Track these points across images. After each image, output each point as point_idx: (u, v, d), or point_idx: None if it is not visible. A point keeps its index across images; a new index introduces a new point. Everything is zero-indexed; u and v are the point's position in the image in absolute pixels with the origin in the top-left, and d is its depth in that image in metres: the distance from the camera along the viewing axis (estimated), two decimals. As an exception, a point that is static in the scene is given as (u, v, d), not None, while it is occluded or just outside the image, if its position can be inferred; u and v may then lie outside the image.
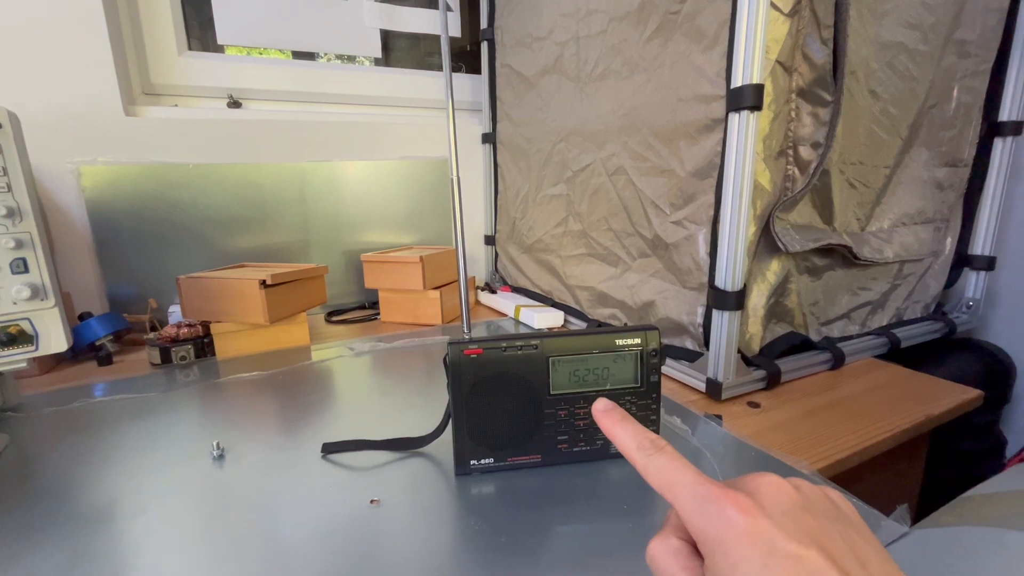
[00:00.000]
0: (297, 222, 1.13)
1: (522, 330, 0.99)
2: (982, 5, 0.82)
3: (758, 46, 0.56)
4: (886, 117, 0.77)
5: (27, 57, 0.88)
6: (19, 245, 0.50)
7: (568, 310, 1.00)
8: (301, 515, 0.45)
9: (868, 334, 0.85)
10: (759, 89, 0.57)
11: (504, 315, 1.09)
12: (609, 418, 0.26)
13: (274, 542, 0.42)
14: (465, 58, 1.36)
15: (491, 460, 0.50)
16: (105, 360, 0.84)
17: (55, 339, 0.53)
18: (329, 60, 1.24)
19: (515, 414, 0.49)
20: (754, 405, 0.65)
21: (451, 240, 1.30)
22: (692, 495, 0.21)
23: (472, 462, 0.49)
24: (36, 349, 0.52)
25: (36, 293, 0.51)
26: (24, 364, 0.51)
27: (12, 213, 0.49)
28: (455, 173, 0.64)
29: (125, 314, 0.93)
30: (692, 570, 0.21)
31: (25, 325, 0.51)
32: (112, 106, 0.95)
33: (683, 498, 0.21)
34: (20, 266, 0.50)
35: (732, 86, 0.59)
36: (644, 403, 0.50)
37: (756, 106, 0.57)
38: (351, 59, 1.26)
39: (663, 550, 0.22)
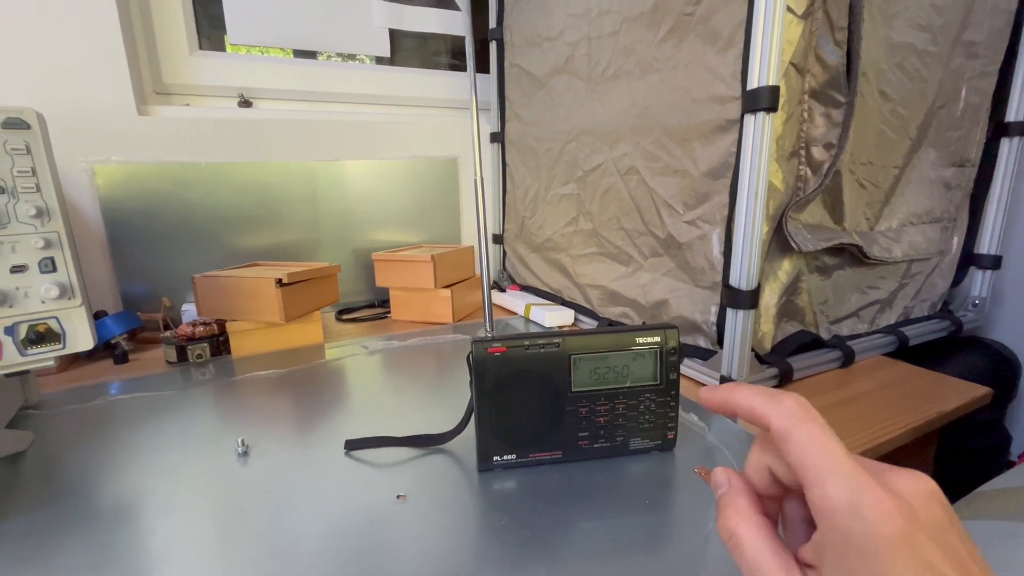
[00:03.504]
0: (307, 221, 1.14)
1: (532, 328, 1.00)
2: (990, 6, 0.83)
3: (774, 48, 0.57)
4: (895, 118, 0.78)
5: (42, 58, 0.89)
6: (48, 245, 0.50)
7: (578, 308, 1.00)
8: (329, 510, 0.46)
9: (876, 332, 0.86)
10: (775, 91, 0.57)
11: (514, 313, 1.10)
12: (723, 390, 0.23)
13: (305, 537, 0.43)
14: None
15: (513, 456, 0.51)
16: (121, 358, 0.84)
17: (81, 337, 0.53)
18: (329, 58, 1.24)
19: (537, 411, 0.50)
20: (767, 402, 0.66)
21: (459, 239, 1.31)
22: (846, 485, 0.18)
23: (495, 458, 0.50)
24: (64, 347, 0.52)
25: (64, 292, 0.51)
26: (52, 362, 0.52)
27: (41, 213, 0.50)
28: (478, 174, 0.65)
29: (138, 312, 0.94)
30: (785, 559, 0.20)
31: (53, 324, 0.52)
32: (125, 106, 0.95)
33: (831, 485, 0.19)
34: (48, 265, 0.51)
35: (748, 87, 0.60)
36: (663, 400, 0.51)
37: (772, 107, 0.58)
38: (350, 57, 1.25)
39: (750, 528, 0.20)
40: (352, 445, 0.55)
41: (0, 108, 0.48)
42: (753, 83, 0.59)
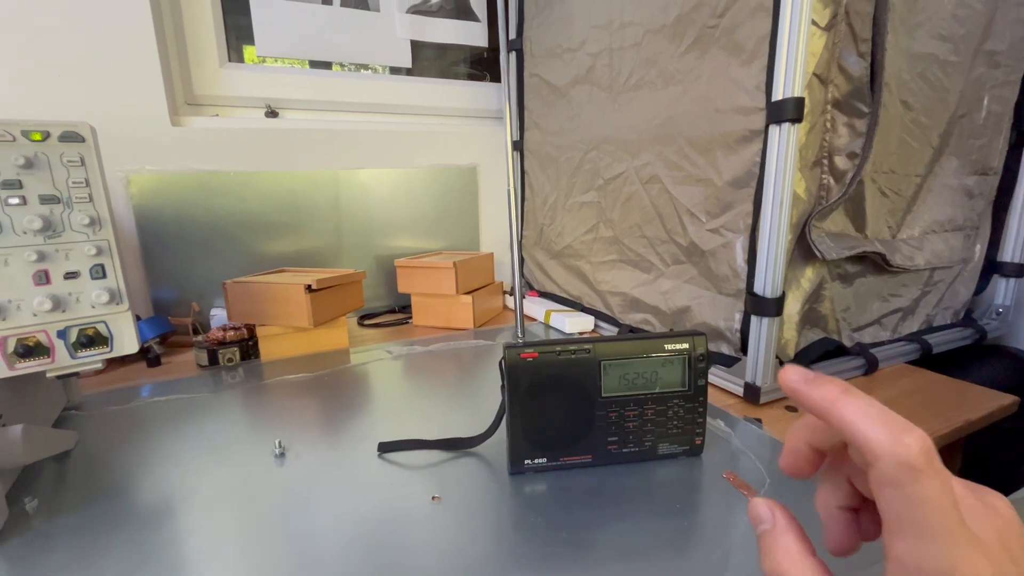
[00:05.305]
0: (331, 228, 1.16)
1: (553, 335, 1.01)
2: (1012, 16, 0.83)
3: (799, 60, 0.58)
4: (917, 127, 0.78)
5: (81, 71, 0.92)
6: (99, 252, 0.53)
7: (598, 315, 1.01)
8: (366, 509, 0.47)
9: (899, 340, 0.86)
10: (800, 102, 0.58)
11: (533, 320, 1.11)
12: (825, 389, 0.19)
13: (345, 535, 0.44)
14: (488, 65, 1.38)
15: (544, 460, 0.52)
16: (154, 362, 0.87)
17: (127, 341, 0.55)
18: (343, 68, 1.25)
19: (568, 416, 0.51)
20: (792, 409, 0.66)
21: (478, 245, 1.33)
22: (947, 555, 0.17)
23: (526, 461, 0.51)
24: (111, 351, 0.54)
25: (113, 297, 0.53)
26: (100, 365, 0.54)
27: (93, 222, 0.52)
28: (511, 183, 0.67)
29: (169, 317, 0.96)
30: None
31: (101, 328, 0.54)
32: (159, 117, 0.98)
33: (933, 551, 0.17)
34: (99, 272, 0.53)
35: (773, 99, 0.61)
36: (691, 406, 0.52)
37: (797, 118, 0.59)
38: (363, 67, 1.26)
39: (804, 572, 0.19)
40: (385, 447, 0.57)
41: (57, 122, 0.51)
42: (778, 95, 0.60)
